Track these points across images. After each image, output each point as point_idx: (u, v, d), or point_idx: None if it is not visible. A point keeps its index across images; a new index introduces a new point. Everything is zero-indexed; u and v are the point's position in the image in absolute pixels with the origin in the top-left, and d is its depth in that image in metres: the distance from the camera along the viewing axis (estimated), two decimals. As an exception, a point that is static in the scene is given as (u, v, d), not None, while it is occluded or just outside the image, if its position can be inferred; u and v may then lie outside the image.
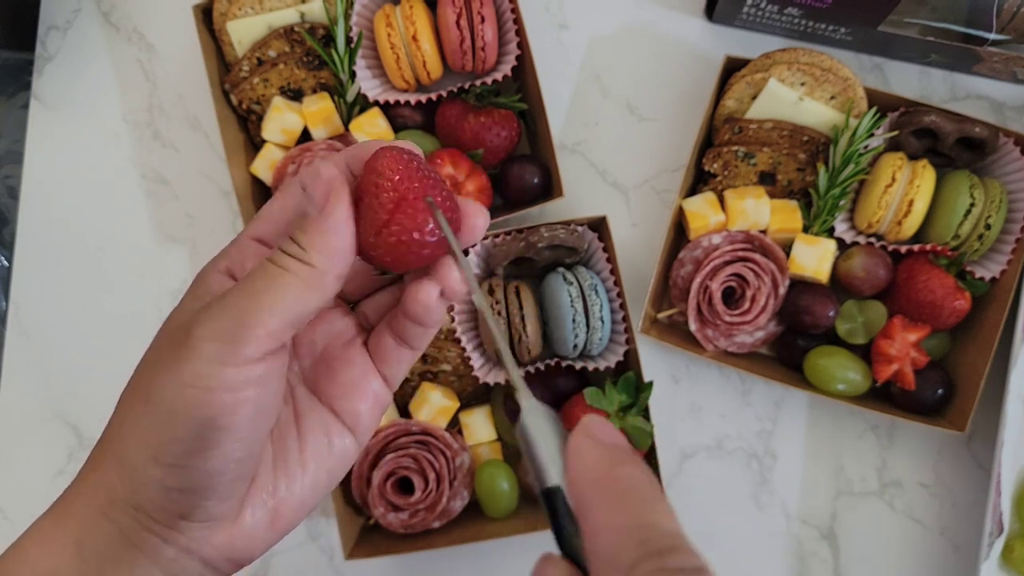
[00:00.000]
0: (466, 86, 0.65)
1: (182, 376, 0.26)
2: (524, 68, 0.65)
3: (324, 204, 0.27)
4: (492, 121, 0.64)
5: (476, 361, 0.64)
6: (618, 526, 0.20)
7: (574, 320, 0.61)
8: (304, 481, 0.31)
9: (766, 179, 0.65)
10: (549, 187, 0.67)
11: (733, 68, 0.66)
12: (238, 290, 0.27)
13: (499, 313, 0.62)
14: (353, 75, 0.65)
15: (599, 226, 0.64)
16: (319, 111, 0.65)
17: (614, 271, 0.64)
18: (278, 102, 0.65)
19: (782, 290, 0.63)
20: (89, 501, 0.28)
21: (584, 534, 0.20)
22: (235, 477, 0.28)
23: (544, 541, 0.65)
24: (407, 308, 0.30)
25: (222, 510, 0.28)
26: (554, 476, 0.22)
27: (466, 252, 0.64)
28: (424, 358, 0.65)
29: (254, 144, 0.69)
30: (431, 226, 0.27)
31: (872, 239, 0.64)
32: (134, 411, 0.28)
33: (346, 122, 0.66)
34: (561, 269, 0.63)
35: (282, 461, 0.31)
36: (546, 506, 0.22)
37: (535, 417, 0.23)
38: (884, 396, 0.66)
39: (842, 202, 0.63)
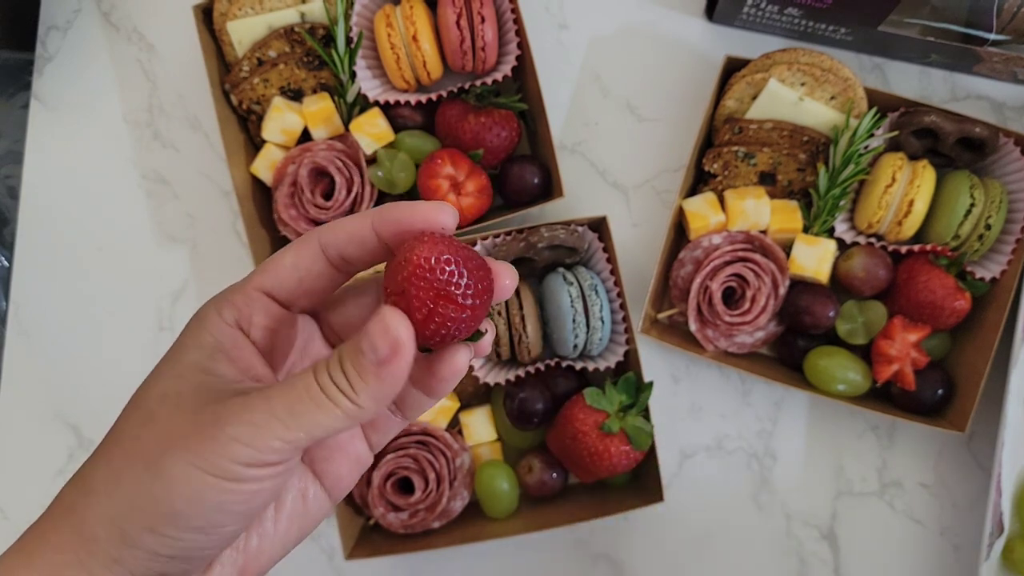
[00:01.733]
0: (466, 86, 0.65)
1: (205, 464, 0.26)
2: (524, 68, 0.65)
3: (389, 359, 0.26)
4: (492, 121, 0.64)
5: (476, 361, 0.64)
6: None
7: (574, 320, 0.61)
8: (275, 539, 0.31)
9: (766, 179, 0.65)
10: (549, 187, 0.67)
11: (733, 68, 0.66)
12: (279, 401, 0.27)
13: (499, 313, 0.62)
14: (353, 75, 0.65)
15: (599, 226, 0.64)
16: (319, 111, 0.65)
17: (614, 271, 0.64)
18: (278, 102, 0.65)
19: (782, 290, 0.63)
20: (62, 549, 0.27)
21: None
22: (225, 546, 0.29)
23: (544, 541, 0.65)
24: (438, 372, 0.29)
25: (198, 569, 0.29)
26: None
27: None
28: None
29: (254, 144, 0.69)
30: (466, 315, 0.27)
31: (872, 239, 0.64)
32: (134, 476, 0.27)
33: (346, 122, 0.66)
34: (561, 269, 0.63)
35: (257, 519, 0.31)
36: None
37: None
38: (884, 396, 0.66)
39: (842, 202, 0.63)
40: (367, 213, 0.29)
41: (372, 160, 0.66)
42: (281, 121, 0.65)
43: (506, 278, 0.29)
